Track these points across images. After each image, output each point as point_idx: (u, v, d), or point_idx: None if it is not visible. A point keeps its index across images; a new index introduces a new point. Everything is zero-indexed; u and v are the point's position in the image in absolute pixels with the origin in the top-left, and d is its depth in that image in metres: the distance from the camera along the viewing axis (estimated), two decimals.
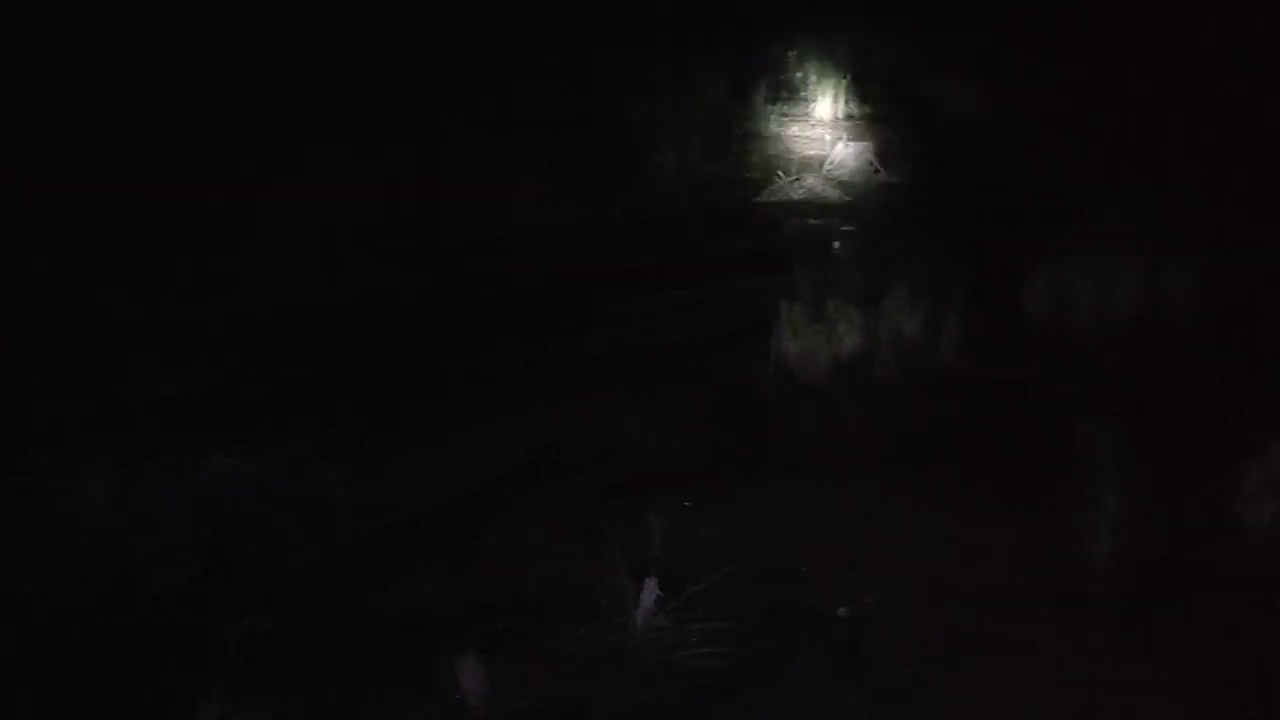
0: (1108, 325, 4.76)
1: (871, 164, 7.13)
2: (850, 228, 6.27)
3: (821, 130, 7.97)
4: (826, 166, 7.08)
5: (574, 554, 3.51)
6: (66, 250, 5.56)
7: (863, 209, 6.57)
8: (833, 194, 6.77)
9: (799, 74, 9.01)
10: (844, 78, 8.47)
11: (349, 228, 5.89)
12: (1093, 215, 5.23)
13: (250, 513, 3.75)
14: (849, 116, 8.26)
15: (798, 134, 7.97)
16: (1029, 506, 3.69)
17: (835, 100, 8.36)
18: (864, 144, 7.37)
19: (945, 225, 5.91)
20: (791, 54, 9.35)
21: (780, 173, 6.91)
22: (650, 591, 3.20)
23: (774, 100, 8.53)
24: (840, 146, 7.26)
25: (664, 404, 4.48)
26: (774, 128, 8.10)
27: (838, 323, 4.69)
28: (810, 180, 6.85)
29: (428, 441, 4.24)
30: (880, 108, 8.39)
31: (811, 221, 6.38)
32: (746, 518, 3.74)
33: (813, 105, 8.45)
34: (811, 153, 7.43)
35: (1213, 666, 3.02)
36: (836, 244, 6.01)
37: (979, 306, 4.83)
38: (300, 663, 3.07)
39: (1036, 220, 5.46)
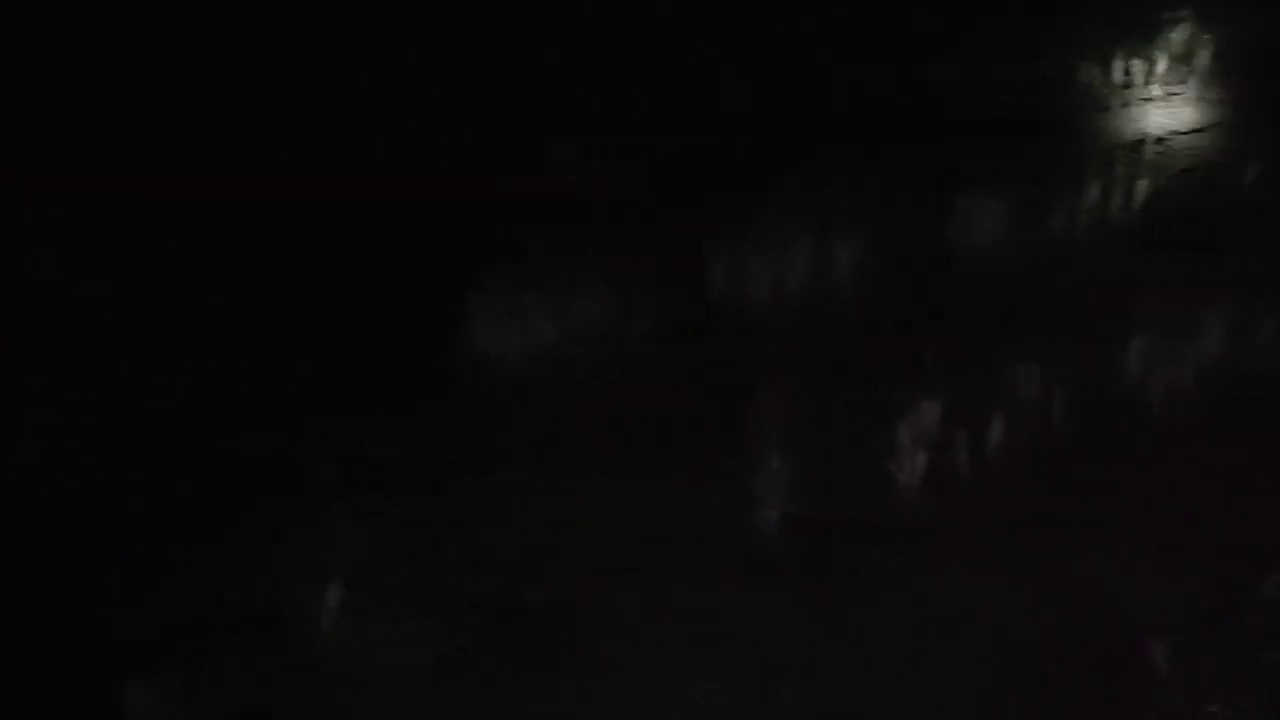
0: (782, 301, 5.05)
1: None
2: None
3: None
4: None
5: (262, 558, 3.43)
6: None
7: None
8: None
9: None
10: None
11: None
12: (770, 195, 5.50)
13: None
14: None
15: None
16: (711, 478, 3.85)
17: None
18: None
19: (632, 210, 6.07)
20: None
21: None
22: (336, 594, 3.19)
23: None
24: None
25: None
26: None
27: (529, 311, 4.77)
28: None
29: None
30: None
31: None
32: (445, 513, 3.74)
33: None
34: None
35: (877, 615, 3.26)
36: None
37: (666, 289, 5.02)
38: None
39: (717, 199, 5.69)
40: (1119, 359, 4.22)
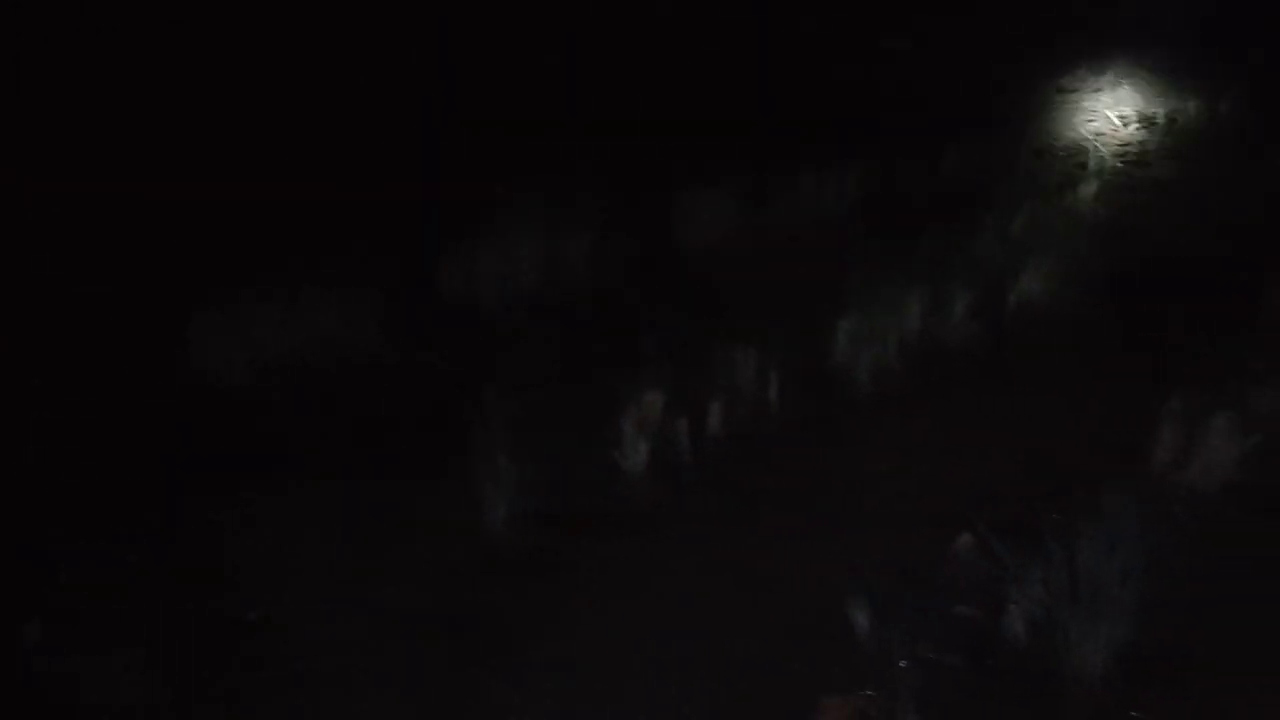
0: (512, 302, 5.08)
1: None
2: None
3: None
4: None
5: None
6: None
7: None
8: None
9: None
10: None
11: None
12: (497, 195, 5.50)
13: None
14: None
15: None
16: (447, 478, 3.83)
17: None
18: None
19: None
20: None
21: None
22: (36, 628, 3.00)
23: None
24: None
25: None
26: None
27: (254, 322, 4.61)
28: None
29: None
30: None
31: None
32: (165, 531, 3.60)
33: None
34: None
35: (605, 602, 3.31)
36: None
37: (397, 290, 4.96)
38: None
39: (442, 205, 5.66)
40: (826, 343, 4.44)
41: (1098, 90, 7.98)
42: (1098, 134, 6.93)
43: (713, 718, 2.88)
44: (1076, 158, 6.56)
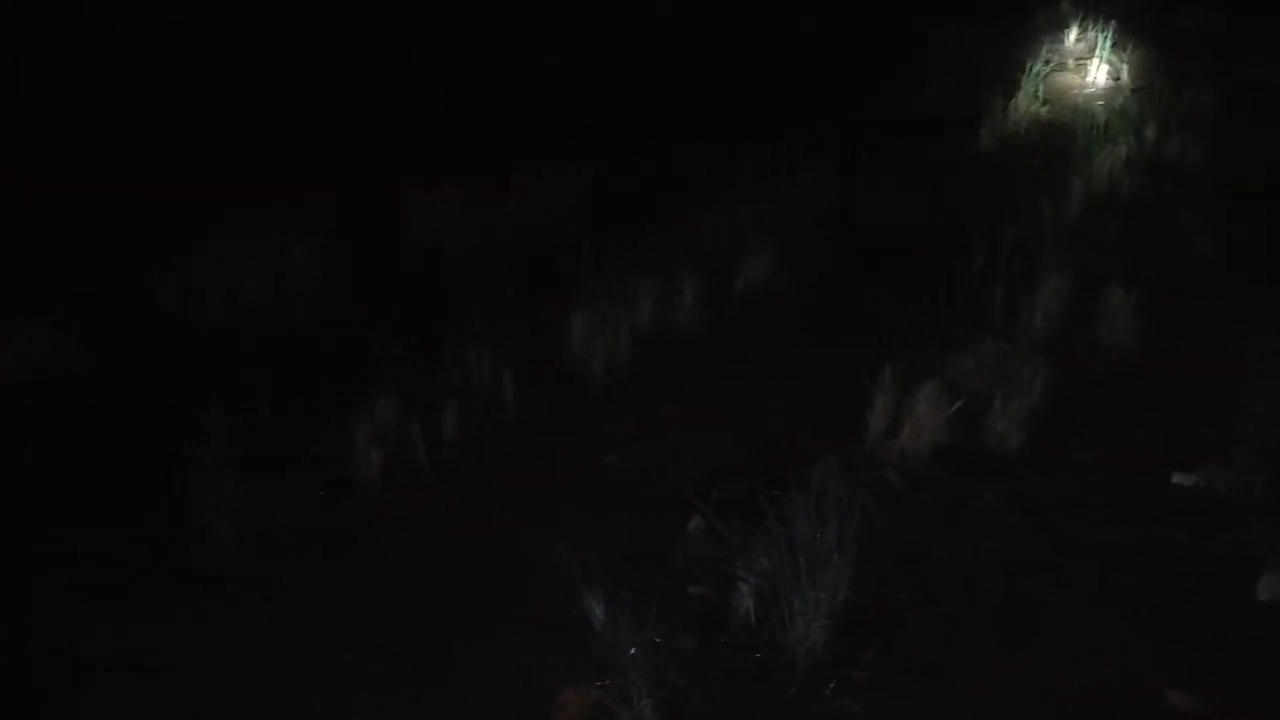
0: (233, 311, 4.87)
1: None
2: None
3: None
4: None
5: None
6: None
7: None
8: None
9: None
10: None
11: None
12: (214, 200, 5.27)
13: None
14: None
15: None
16: (142, 510, 3.65)
17: None
18: None
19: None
20: None
21: None
22: None
23: None
24: None
25: None
26: None
27: None
28: None
29: None
30: None
31: None
32: None
33: None
34: None
35: (336, 622, 3.22)
36: None
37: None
38: None
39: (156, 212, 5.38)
40: (557, 337, 4.47)
41: None
42: None
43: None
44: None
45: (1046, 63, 7.63)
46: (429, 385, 4.09)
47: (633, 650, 2.88)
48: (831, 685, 2.94)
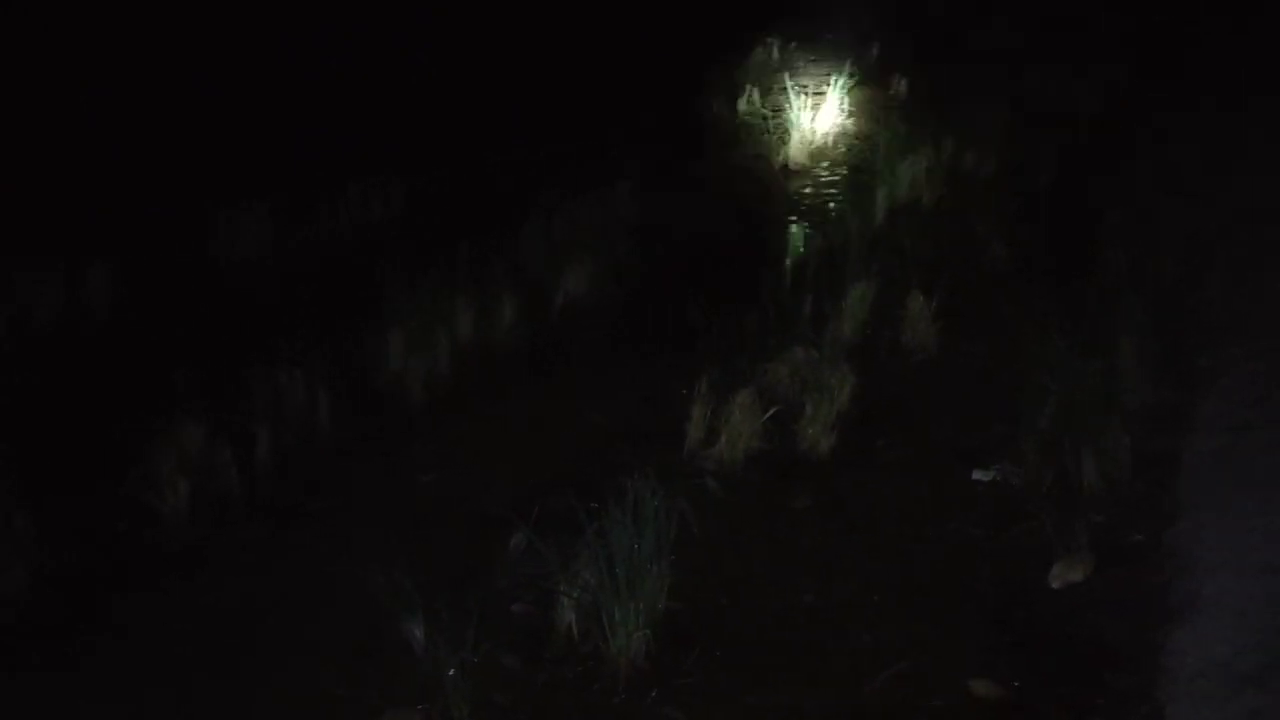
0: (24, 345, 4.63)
1: None
2: None
3: None
4: None
5: None
6: None
7: None
8: None
9: None
10: None
11: None
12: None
13: None
14: None
15: None
16: None
17: None
18: None
19: None
20: None
21: None
22: None
23: None
24: None
25: None
26: None
27: None
28: None
29: None
30: None
31: None
32: None
33: None
34: None
35: (147, 664, 3.09)
36: None
37: None
38: None
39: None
40: (373, 356, 4.39)
41: None
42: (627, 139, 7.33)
43: None
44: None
45: (851, 76, 7.92)
46: (238, 410, 3.97)
47: (451, 671, 2.85)
48: (654, 694, 2.96)
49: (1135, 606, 3.10)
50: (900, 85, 8.14)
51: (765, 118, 7.62)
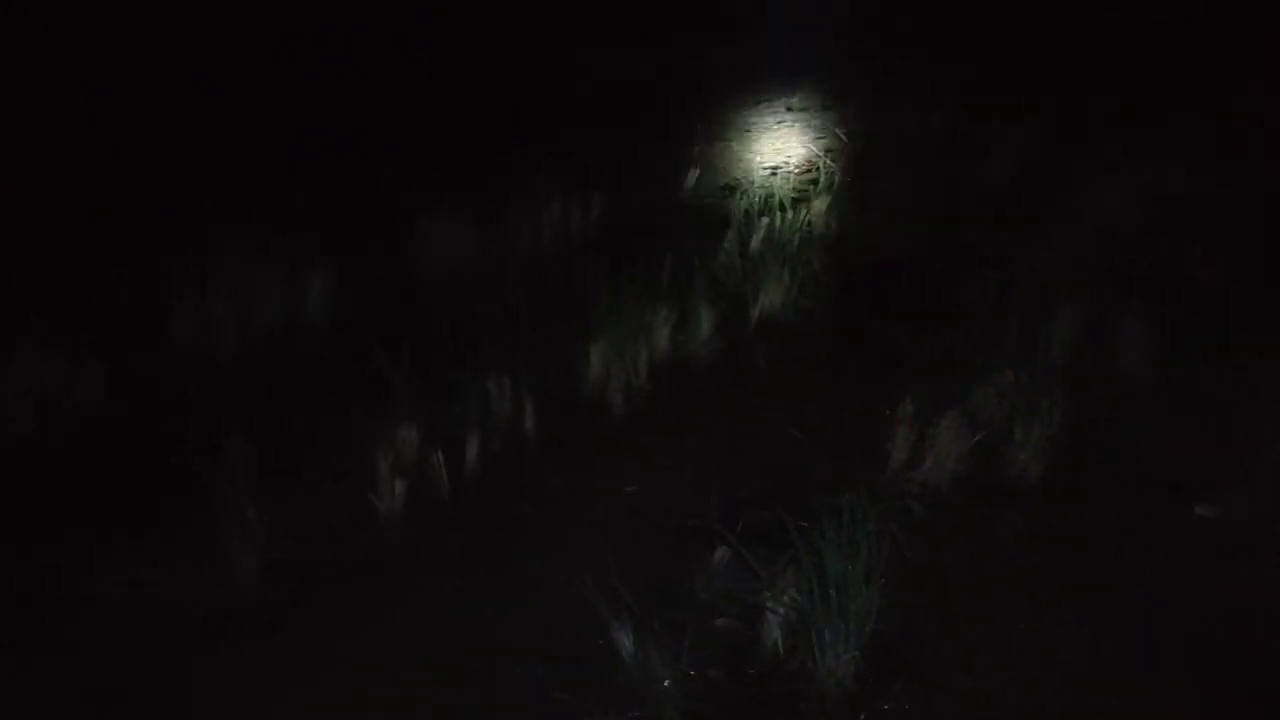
0: (247, 342, 4.88)
1: None
2: None
3: None
4: None
5: None
6: None
7: None
8: None
9: None
10: None
11: None
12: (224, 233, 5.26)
13: None
14: None
15: None
16: (169, 539, 3.66)
17: None
18: None
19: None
20: None
21: None
22: None
23: None
24: None
25: None
26: None
27: None
28: None
29: None
30: None
31: None
32: None
33: None
34: None
35: (364, 653, 3.22)
36: None
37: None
38: None
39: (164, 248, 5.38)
40: (575, 366, 4.46)
41: (826, 109, 8.37)
42: (827, 150, 7.27)
43: None
44: (809, 173, 6.84)
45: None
46: (446, 414, 4.09)
47: (666, 682, 2.88)
48: (861, 717, 2.94)
49: None
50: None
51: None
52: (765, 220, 5.58)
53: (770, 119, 8.13)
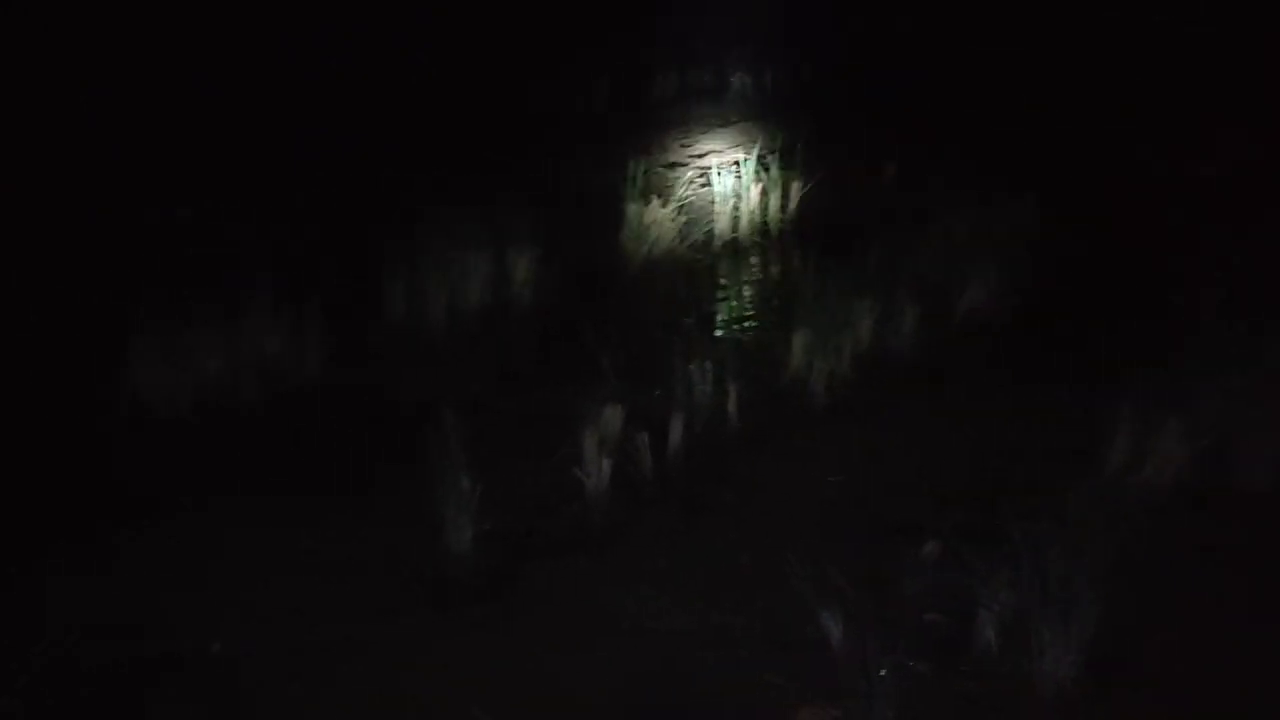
0: (459, 319, 5.04)
1: None
2: None
3: None
4: None
5: None
6: None
7: None
8: None
9: None
10: None
11: None
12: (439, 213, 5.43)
13: None
14: None
15: None
16: (390, 505, 3.80)
17: None
18: None
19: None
20: None
21: None
22: None
23: None
24: None
25: None
26: None
27: (194, 350, 4.49)
28: None
29: None
30: None
31: None
32: (87, 572, 3.51)
33: None
34: None
35: (570, 626, 3.29)
36: None
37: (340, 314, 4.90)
38: None
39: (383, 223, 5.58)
40: (781, 354, 4.46)
41: None
42: None
43: None
44: None
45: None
46: (651, 396, 4.15)
47: (883, 672, 2.86)
48: None
49: None
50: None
51: None
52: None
53: None
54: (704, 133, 7.55)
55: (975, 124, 7.44)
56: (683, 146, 7.31)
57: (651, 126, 7.75)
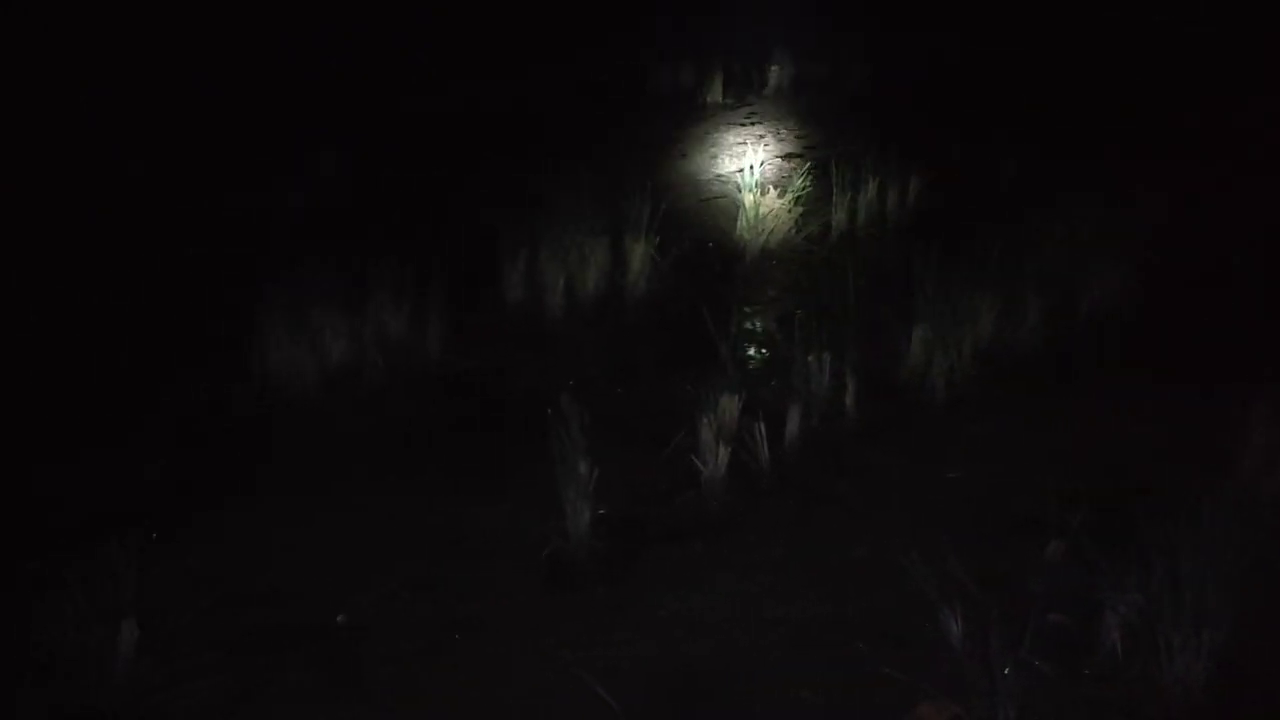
0: (576, 306, 5.09)
1: None
2: None
3: None
4: None
5: (34, 608, 3.22)
6: None
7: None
8: None
9: None
10: None
11: None
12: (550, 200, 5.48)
13: None
14: None
15: None
16: (510, 487, 3.86)
17: None
18: None
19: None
20: None
21: None
22: (129, 634, 3.01)
23: None
24: None
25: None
26: None
27: (322, 330, 4.61)
28: None
29: None
30: None
31: None
32: (224, 543, 3.63)
33: None
34: None
35: (683, 609, 3.31)
36: None
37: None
38: None
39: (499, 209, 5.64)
40: (899, 347, 4.42)
41: None
42: None
43: None
44: None
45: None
46: (768, 387, 4.14)
47: (1006, 670, 2.82)
48: None
49: None
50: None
51: None
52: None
53: None
54: (820, 125, 7.48)
55: (1088, 122, 7.25)
56: (798, 138, 7.26)
57: (768, 118, 7.72)
